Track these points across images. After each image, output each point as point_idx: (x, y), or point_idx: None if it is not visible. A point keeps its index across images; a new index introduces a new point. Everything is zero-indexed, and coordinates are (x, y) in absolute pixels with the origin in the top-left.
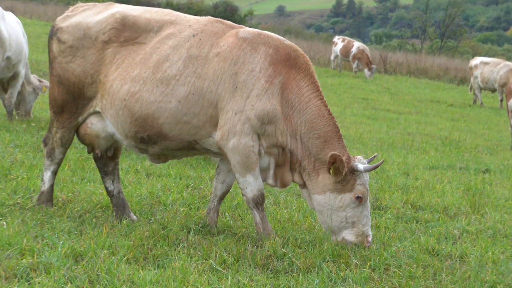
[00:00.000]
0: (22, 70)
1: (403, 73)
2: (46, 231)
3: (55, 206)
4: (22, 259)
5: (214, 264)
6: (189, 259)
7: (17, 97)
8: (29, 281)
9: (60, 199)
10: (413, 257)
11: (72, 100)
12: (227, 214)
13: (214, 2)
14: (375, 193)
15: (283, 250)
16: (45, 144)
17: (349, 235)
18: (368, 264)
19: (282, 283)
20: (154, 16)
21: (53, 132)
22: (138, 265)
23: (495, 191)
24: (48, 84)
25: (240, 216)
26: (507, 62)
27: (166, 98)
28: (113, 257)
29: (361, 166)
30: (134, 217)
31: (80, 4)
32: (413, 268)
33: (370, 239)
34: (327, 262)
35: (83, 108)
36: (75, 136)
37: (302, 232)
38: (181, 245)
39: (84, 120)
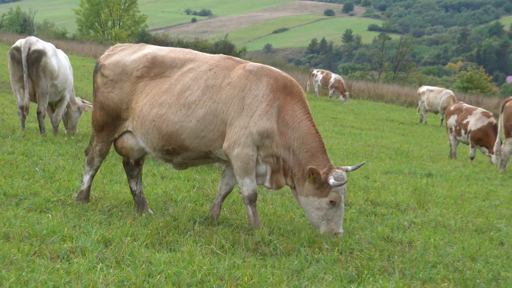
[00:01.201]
0: (67, 95)
1: (364, 98)
2: (83, 222)
3: (90, 202)
4: (63, 244)
5: (215, 249)
6: (195, 244)
7: (65, 115)
8: (69, 261)
9: (93, 197)
10: (372, 243)
11: (111, 121)
12: (225, 209)
13: (215, 41)
14: None
15: (269, 237)
16: (86, 154)
17: (323, 229)
18: (336, 248)
19: (269, 264)
20: (178, 55)
21: (93, 145)
22: (154, 249)
23: (436, 191)
24: (90, 104)
25: (235, 210)
26: (448, 90)
27: (188, 119)
28: (135, 243)
29: (331, 181)
30: (151, 211)
31: (118, 44)
32: (372, 252)
33: (340, 236)
34: (304, 247)
35: (118, 127)
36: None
37: (284, 223)
38: (188, 233)
39: (120, 137)
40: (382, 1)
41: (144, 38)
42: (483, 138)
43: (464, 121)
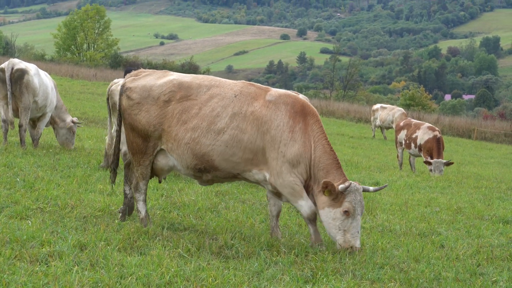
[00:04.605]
0: (48, 112)
1: None
2: (60, 228)
3: (66, 209)
4: (42, 248)
5: (182, 252)
6: (163, 248)
7: (54, 132)
8: (47, 264)
9: (69, 205)
10: (325, 246)
11: (142, 142)
12: (191, 215)
13: (181, 62)
14: None
15: (232, 242)
16: (130, 182)
17: (340, 240)
18: (293, 251)
19: (231, 266)
20: (203, 81)
21: (134, 171)
22: (126, 253)
23: (383, 198)
24: (75, 119)
25: (200, 217)
26: (399, 108)
27: (218, 143)
28: (108, 247)
29: (340, 186)
30: (126, 218)
31: (142, 70)
32: (325, 254)
33: (355, 249)
34: (263, 250)
35: (151, 149)
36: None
37: (245, 228)
38: (157, 238)
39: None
40: (333, 27)
41: (117, 59)
42: (429, 149)
43: (413, 136)
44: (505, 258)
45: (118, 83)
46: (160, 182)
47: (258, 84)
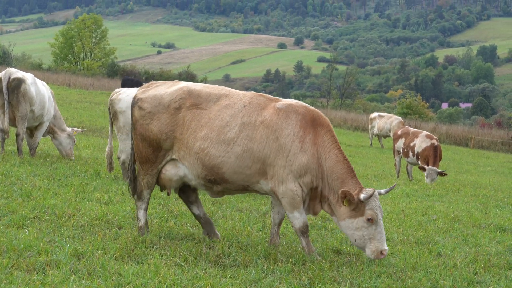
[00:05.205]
0: (45, 121)
1: None
2: (57, 237)
3: (63, 218)
4: (39, 257)
5: (179, 261)
6: (160, 257)
7: (55, 142)
8: (44, 273)
9: (66, 214)
10: (322, 255)
11: (152, 152)
12: (188, 224)
13: (179, 71)
14: None
15: (229, 250)
16: (135, 190)
17: (368, 251)
18: (290, 260)
19: (228, 275)
20: (212, 90)
21: (140, 179)
22: (123, 262)
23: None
24: (77, 129)
25: (197, 225)
26: (397, 116)
27: (227, 155)
28: (105, 256)
29: (361, 196)
30: (218, 233)
31: (153, 82)
32: (322, 263)
33: (385, 252)
34: (261, 259)
35: (161, 158)
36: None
37: (243, 237)
38: (154, 247)
39: (161, 168)
40: (330, 36)
41: (114, 68)
42: (426, 157)
43: (411, 144)
44: (503, 267)
45: (119, 92)
46: (169, 194)
47: (268, 95)
